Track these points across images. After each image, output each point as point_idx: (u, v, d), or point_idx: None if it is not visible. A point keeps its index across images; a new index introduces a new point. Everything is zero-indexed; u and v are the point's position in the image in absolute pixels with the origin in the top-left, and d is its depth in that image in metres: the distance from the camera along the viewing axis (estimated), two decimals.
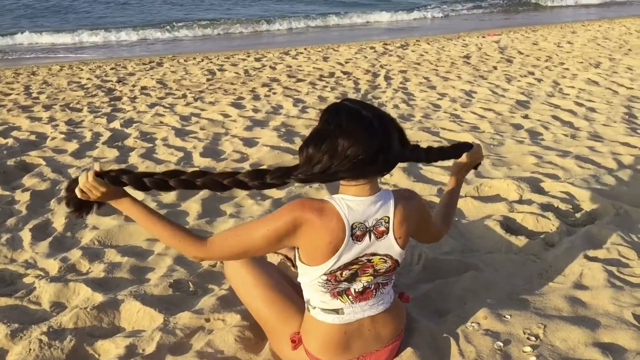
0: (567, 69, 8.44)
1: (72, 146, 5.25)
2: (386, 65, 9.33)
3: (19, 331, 2.44)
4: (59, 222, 3.63)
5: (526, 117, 5.91)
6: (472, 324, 2.36)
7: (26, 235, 3.45)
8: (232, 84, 8.15)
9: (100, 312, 2.57)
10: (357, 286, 1.95)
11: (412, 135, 5.27)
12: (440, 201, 2.44)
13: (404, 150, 1.94)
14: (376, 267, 1.94)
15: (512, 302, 2.55)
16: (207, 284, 2.85)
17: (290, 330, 2.12)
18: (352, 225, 1.85)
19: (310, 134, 1.86)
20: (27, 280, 2.97)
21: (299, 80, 8.27)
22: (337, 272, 1.89)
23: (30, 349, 2.30)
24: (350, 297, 1.95)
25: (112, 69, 9.88)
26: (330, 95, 7.17)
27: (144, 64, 10.41)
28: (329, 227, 1.82)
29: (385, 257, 1.93)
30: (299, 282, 2.01)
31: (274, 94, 7.40)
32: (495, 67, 8.82)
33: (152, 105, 6.91)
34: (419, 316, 2.44)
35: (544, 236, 3.16)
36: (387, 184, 4.05)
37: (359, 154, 1.76)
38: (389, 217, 1.91)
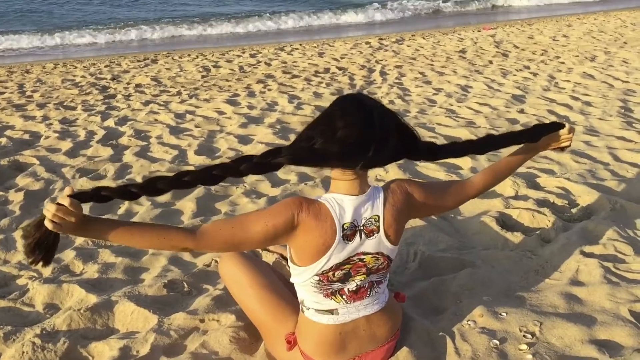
0: (562, 63, 8.43)
1: (66, 145, 5.22)
2: (382, 60, 9.31)
3: (12, 334, 2.42)
4: None
5: (522, 111, 5.90)
6: (468, 322, 2.35)
7: (19, 236, 3.42)
8: (227, 81, 8.12)
9: (94, 313, 2.55)
10: (351, 286, 1.93)
11: None
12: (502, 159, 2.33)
13: (406, 149, 1.91)
14: (369, 265, 1.92)
15: (508, 299, 2.54)
16: (201, 284, 2.83)
17: (285, 330, 2.11)
18: (342, 225, 1.84)
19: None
20: (20, 281, 2.95)
21: (294, 76, 8.24)
22: (329, 273, 1.87)
23: (23, 352, 2.28)
24: (344, 297, 1.94)
25: (106, 66, 9.83)
26: (325, 91, 7.14)
27: (139, 61, 10.36)
28: (323, 228, 1.81)
29: (377, 255, 1.92)
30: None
31: (269, 90, 7.37)
32: (490, 62, 8.80)
33: (146, 102, 6.88)
34: (415, 314, 2.43)
35: (539, 232, 3.15)
36: (384, 181, 4.03)
37: (350, 137, 1.75)
38: (378, 216, 1.89)
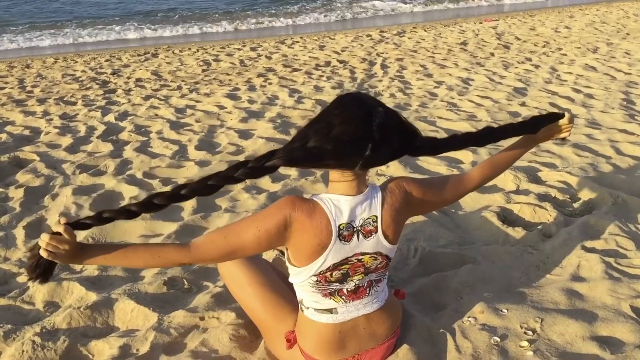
0: (564, 55, 8.39)
1: (67, 141, 5.21)
2: (383, 53, 9.27)
3: (11, 332, 2.41)
4: (53, 219, 3.60)
5: (523, 104, 5.87)
6: (469, 319, 2.34)
7: (20, 233, 3.42)
8: (228, 75, 8.09)
9: (94, 311, 2.55)
10: (349, 286, 1.92)
11: None
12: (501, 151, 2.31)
13: (406, 148, 1.87)
14: (367, 265, 1.91)
15: (509, 295, 2.53)
16: (201, 281, 2.83)
17: (284, 328, 2.10)
18: (339, 226, 1.82)
19: None
20: (20, 279, 2.95)
21: (295, 69, 8.21)
22: (327, 273, 1.86)
23: (23, 351, 2.28)
24: (343, 297, 1.93)
25: (106, 60, 9.82)
26: (326, 84, 7.12)
27: (139, 55, 10.34)
28: (318, 228, 1.79)
29: (375, 255, 1.90)
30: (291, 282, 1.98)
31: (270, 84, 7.35)
32: (492, 54, 8.76)
33: (147, 97, 6.86)
34: (415, 311, 2.42)
35: (541, 227, 3.13)
36: (384, 176, 4.01)
37: (346, 135, 1.71)
38: (376, 216, 1.87)
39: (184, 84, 7.57)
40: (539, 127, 2.24)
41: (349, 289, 1.93)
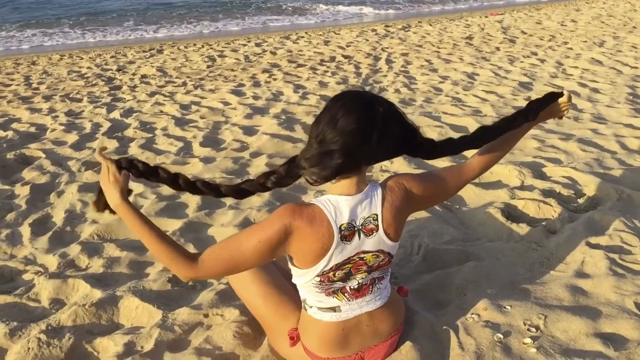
0: (570, 49, 8.34)
1: (72, 138, 5.23)
2: (388, 48, 9.25)
3: (17, 329, 2.43)
4: (58, 216, 3.62)
5: (529, 99, 5.83)
6: (472, 316, 2.34)
7: (26, 230, 3.44)
8: (233, 71, 8.10)
9: (99, 308, 2.57)
10: (352, 284, 1.92)
11: (413, 120, 5.22)
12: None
13: (406, 142, 1.89)
14: (369, 263, 1.91)
15: (512, 292, 2.52)
16: None
17: (288, 326, 2.11)
18: (340, 227, 1.82)
19: None
20: (26, 276, 2.97)
21: (300, 65, 8.21)
22: (330, 273, 1.86)
23: (29, 348, 2.30)
24: (346, 295, 1.93)
25: (112, 57, 9.84)
26: (331, 80, 7.11)
27: (144, 51, 10.35)
28: (319, 232, 1.80)
29: (377, 253, 1.91)
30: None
31: (275, 80, 7.35)
32: (498, 48, 8.72)
33: (152, 94, 6.88)
34: (418, 308, 2.42)
35: (545, 223, 3.13)
36: (388, 172, 4.01)
37: (350, 124, 1.74)
38: (377, 215, 1.87)
39: (189, 80, 7.58)
40: (537, 112, 2.24)
41: (352, 287, 1.93)
